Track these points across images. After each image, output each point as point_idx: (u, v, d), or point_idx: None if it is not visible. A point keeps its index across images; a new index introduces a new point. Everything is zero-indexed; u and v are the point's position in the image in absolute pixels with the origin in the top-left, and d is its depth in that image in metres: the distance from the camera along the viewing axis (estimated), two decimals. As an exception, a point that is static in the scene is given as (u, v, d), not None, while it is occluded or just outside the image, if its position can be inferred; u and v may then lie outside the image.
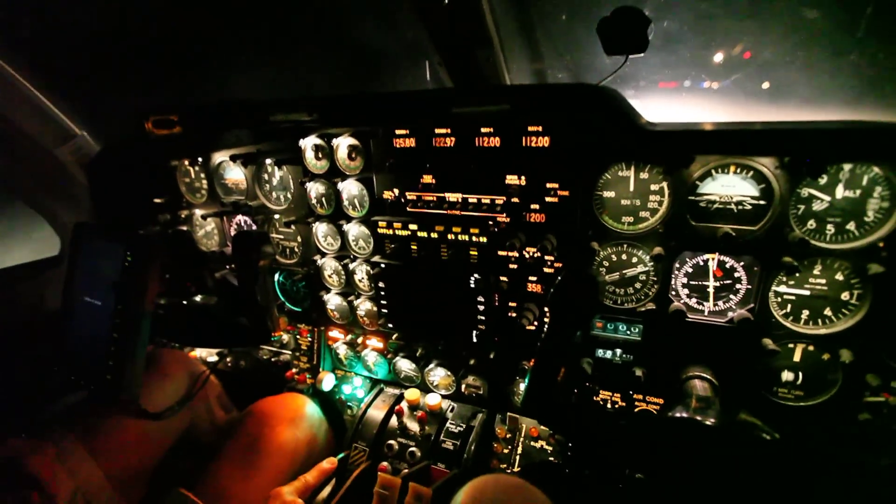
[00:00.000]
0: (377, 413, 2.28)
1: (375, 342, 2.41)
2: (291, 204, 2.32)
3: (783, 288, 1.59)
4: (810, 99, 1.70)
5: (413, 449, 2.09)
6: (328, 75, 2.44)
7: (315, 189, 2.20)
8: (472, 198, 1.88)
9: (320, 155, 2.11)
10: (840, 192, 1.43)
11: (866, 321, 1.50)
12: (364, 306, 2.34)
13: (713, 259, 1.65)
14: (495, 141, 1.76)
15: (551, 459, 2.04)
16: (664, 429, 1.45)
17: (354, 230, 2.19)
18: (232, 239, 1.98)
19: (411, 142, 1.92)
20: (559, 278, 1.44)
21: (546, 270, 1.86)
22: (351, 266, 2.24)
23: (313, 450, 2.22)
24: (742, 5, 1.60)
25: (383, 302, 2.10)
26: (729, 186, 1.54)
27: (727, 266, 1.64)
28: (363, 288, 2.30)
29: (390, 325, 2.18)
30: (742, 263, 1.62)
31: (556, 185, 1.72)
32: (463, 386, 2.23)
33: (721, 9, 1.63)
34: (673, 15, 1.68)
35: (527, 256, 1.86)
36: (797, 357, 1.64)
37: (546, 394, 1.45)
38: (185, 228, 2.60)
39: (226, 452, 1.99)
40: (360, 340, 2.44)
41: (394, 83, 2.40)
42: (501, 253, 1.90)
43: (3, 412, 2.07)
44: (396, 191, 2.03)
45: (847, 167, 1.40)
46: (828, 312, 1.56)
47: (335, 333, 2.51)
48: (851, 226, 1.45)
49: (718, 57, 1.80)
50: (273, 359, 2.68)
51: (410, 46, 2.17)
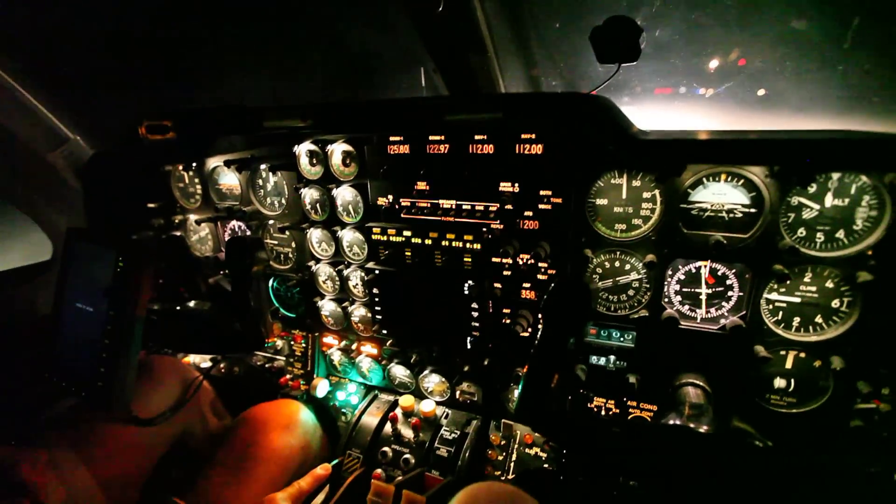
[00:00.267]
0: (371, 420, 2.27)
1: (370, 348, 2.40)
2: (286, 209, 2.32)
3: (774, 295, 1.60)
4: (800, 108, 1.72)
5: (407, 456, 2.08)
6: (323, 81, 2.44)
7: (309, 195, 2.20)
8: (466, 204, 1.89)
9: (315, 161, 2.11)
10: (829, 201, 1.45)
11: (856, 328, 1.51)
12: (358, 312, 2.33)
13: (705, 266, 1.66)
14: (489, 148, 1.77)
15: (546, 466, 2.04)
16: (658, 436, 1.46)
17: (349, 236, 2.19)
18: (226, 244, 1.98)
19: (405, 148, 1.92)
20: (552, 285, 1.44)
21: (540, 277, 1.87)
22: (345, 272, 2.24)
23: (307, 456, 2.20)
24: (732, 16, 1.62)
25: (377, 308, 2.10)
26: (720, 195, 1.56)
27: (719, 273, 1.65)
28: (357, 294, 2.30)
29: (384, 332, 2.18)
30: (734, 271, 1.63)
31: (550, 193, 1.73)
32: (457, 392, 2.23)
33: (712, 19, 1.64)
34: (665, 24, 1.69)
35: (520, 263, 1.86)
36: (789, 364, 1.65)
37: (539, 401, 1.45)
38: (179, 234, 2.59)
39: (219, 459, 1.98)
40: (355, 347, 2.44)
41: (389, 89, 2.40)
42: (495, 260, 1.90)
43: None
44: (391, 197, 2.03)
45: (836, 176, 1.42)
46: (819, 320, 1.57)
47: (329, 339, 2.51)
48: (841, 234, 1.46)
49: (711, 65, 1.81)
50: (267, 365, 2.67)
51: (405, 53, 2.18)
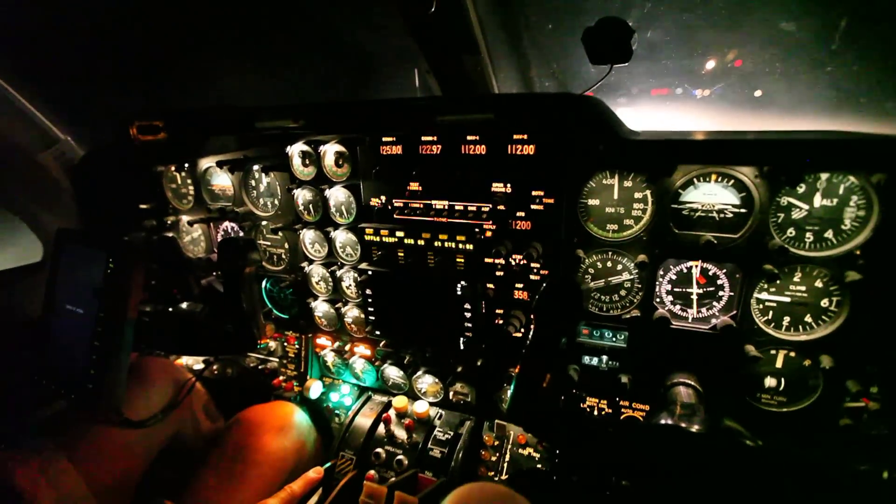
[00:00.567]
0: (365, 421, 2.26)
1: (363, 349, 2.40)
2: (278, 210, 2.32)
3: (764, 295, 1.61)
4: (790, 109, 1.74)
5: (401, 457, 2.07)
6: (316, 81, 2.43)
7: (302, 196, 2.20)
8: (459, 205, 1.89)
9: (307, 161, 2.10)
10: (818, 201, 1.46)
11: (845, 327, 1.53)
12: (351, 313, 2.33)
13: (696, 266, 1.67)
14: (481, 149, 1.77)
15: (539, 467, 2.04)
16: (650, 436, 1.46)
17: (341, 237, 2.18)
18: (218, 245, 1.97)
19: (398, 149, 1.92)
20: (544, 285, 1.45)
21: (532, 278, 1.87)
22: (338, 273, 2.23)
23: (302, 458, 2.19)
24: (722, 17, 1.63)
25: (371, 309, 2.10)
26: (710, 195, 1.57)
27: (710, 273, 1.66)
28: (350, 295, 2.30)
29: (378, 333, 2.17)
30: (724, 271, 1.64)
31: (542, 193, 1.74)
32: (451, 393, 2.23)
33: (702, 21, 1.66)
34: (656, 26, 1.71)
35: (513, 264, 1.87)
36: (779, 363, 1.66)
37: (531, 401, 1.45)
38: (172, 235, 2.57)
39: (212, 462, 1.96)
40: (348, 348, 2.43)
41: (382, 90, 2.40)
42: (488, 260, 1.91)
43: (-17, 422, 2.03)
44: (383, 198, 2.03)
45: (824, 176, 1.43)
46: (808, 319, 1.58)
47: (323, 341, 2.50)
48: (829, 234, 1.48)
49: (703, 66, 1.83)
50: (260, 366, 2.65)
51: (399, 54, 2.18)
